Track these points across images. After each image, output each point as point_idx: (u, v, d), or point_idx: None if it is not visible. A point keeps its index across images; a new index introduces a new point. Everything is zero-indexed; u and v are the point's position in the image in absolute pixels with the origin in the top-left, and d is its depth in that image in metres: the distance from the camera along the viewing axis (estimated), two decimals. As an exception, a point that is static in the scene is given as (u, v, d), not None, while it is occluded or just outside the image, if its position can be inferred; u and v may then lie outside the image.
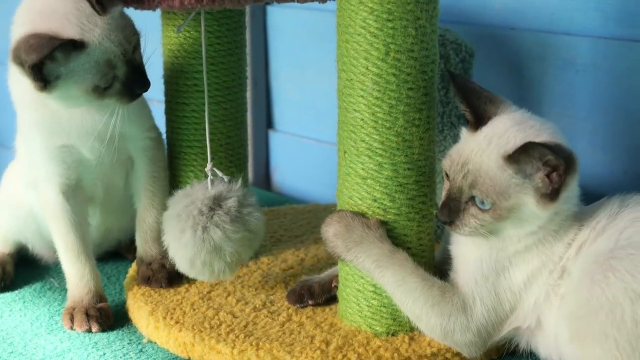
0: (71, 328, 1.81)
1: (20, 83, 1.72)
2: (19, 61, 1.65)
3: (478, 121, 1.58)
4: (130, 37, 1.71)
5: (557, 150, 1.49)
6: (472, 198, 1.54)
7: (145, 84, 1.74)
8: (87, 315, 1.80)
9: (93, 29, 1.66)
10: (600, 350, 1.46)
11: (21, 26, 1.68)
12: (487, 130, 1.56)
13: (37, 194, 1.87)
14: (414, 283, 1.59)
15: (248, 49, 2.02)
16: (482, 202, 1.53)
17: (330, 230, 1.63)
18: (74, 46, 1.64)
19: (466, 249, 1.61)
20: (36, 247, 2.07)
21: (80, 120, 1.77)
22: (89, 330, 1.80)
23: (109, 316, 1.83)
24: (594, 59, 2.02)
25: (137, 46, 1.73)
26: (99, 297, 1.85)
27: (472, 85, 1.62)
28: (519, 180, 1.51)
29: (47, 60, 1.63)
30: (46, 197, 1.84)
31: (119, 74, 1.71)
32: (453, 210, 1.55)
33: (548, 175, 1.51)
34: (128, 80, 1.72)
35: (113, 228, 2.06)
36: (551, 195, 1.52)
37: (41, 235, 2.01)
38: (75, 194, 1.85)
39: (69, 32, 1.64)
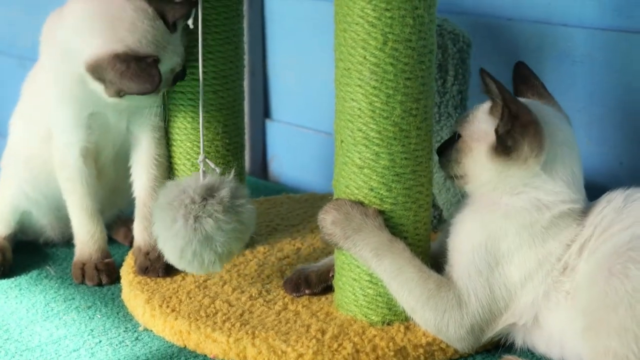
0: (82, 282, 1.96)
1: (57, 55, 1.81)
2: (100, 78, 1.75)
3: None
4: (186, 43, 1.83)
5: (504, 93, 1.56)
6: (458, 136, 1.64)
7: (185, 75, 1.87)
8: (97, 269, 1.95)
9: (166, 47, 1.77)
10: (618, 343, 1.44)
11: (94, 38, 1.74)
12: None
13: (54, 155, 1.94)
14: (410, 274, 1.59)
15: (245, 38, 2.01)
16: (460, 136, 1.63)
17: (328, 218, 1.63)
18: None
19: (459, 240, 1.62)
20: (40, 213, 2.09)
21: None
22: (100, 284, 1.94)
23: (116, 270, 1.97)
24: (591, 50, 2.02)
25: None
26: (106, 253, 1.99)
27: (534, 80, 1.71)
28: (486, 128, 1.59)
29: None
30: (65, 160, 1.93)
31: (175, 75, 1.84)
32: (444, 145, 1.68)
33: (495, 132, 1.57)
34: (177, 75, 1.84)
35: (115, 198, 2.09)
36: (499, 148, 1.56)
37: (48, 195, 2.04)
38: (91, 158, 1.94)
39: (147, 50, 1.74)
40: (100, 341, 1.73)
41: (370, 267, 1.62)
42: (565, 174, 1.60)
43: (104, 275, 1.96)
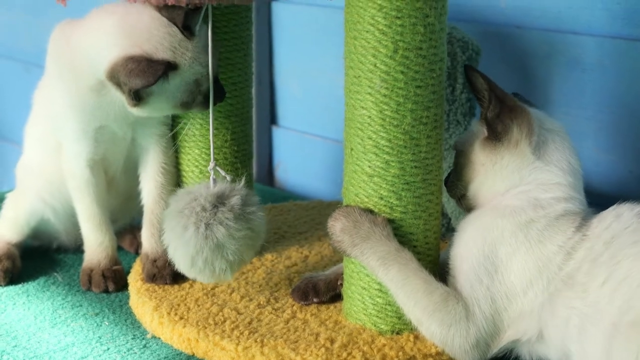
0: (88, 289, 1.96)
1: (67, 66, 1.81)
2: (117, 82, 1.75)
3: None
4: (215, 55, 1.80)
5: (487, 81, 1.60)
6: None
7: (223, 95, 1.84)
8: (104, 276, 1.95)
9: (185, 53, 1.75)
10: None
11: (113, 46, 1.74)
12: None
13: (63, 164, 1.95)
14: (416, 285, 1.58)
15: (252, 45, 2.01)
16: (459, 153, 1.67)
17: (337, 225, 1.62)
18: (169, 68, 1.73)
19: (460, 248, 1.61)
20: (57, 219, 2.09)
21: (121, 107, 1.83)
22: (106, 290, 1.94)
23: (124, 277, 1.97)
24: (600, 58, 2.02)
25: (219, 60, 1.84)
26: (115, 260, 1.99)
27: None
28: (478, 127, 1.64)
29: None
30: (73, 170, 1.94)
31: (202, 89, 1.80)
32: (449, 172, 1.71)
33: (484, 118, 1.60)
34: (209, 93, 1.81)
35: (127, 207, 2.09)
36: (489, 136, 1.59)
37: (64, 202, 2.04)
38: (99, 168, 1.95)
39: (163, 55, 1.73)
40: (108, 348, 1.73)
41: (377, 276, 1.61)
42: (559, 161, 1.59)
43: (111, 282, 1.96)
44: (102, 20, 1.79)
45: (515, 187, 1.60)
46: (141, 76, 1.70)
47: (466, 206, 1.68)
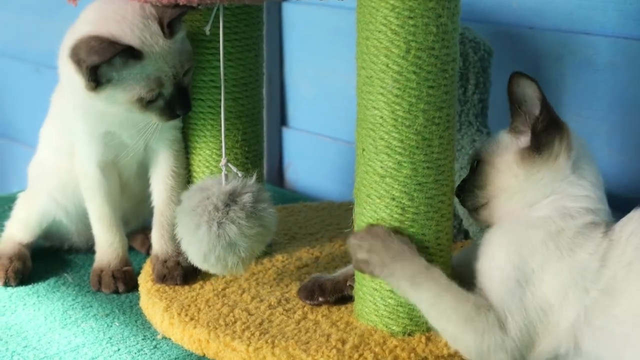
0: (99, 289, 1.96)
1: (73, 74, 1.78)
2: (77, 59, 1.72)
3: None
4: (185, 63, 1.80)
5: (539, 91, 1.55)
6: (476, 165, 1.63)
7: (187, 107, 1.82)
8: (114, 277, 1.95)
9: (153, 46, 1.74)
10: None
11: (84, 25, 1.75)
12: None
13: (75, 163, 1.95)
14: (448, 300, 1.53)
15: (264, 46, 2.01)
16: (478, 163, 1.63)
17: (364, 245, 1.58)
18: (132, 55, 1.72)
19: (487, 262, 1.57)
20: (70, 220, 2.09)
21: (125, 115, 1.83)
22: (116, 291, 1.94)
23: (134, 278, 1.97)
24: (613, 58, 2.01)
25: (188, 71, 1.82)
26: (125, 261, 1.99)
27: None
28: (510, 137, 1.60)
29: (104, 63, 1.70)
30: (84, 170, 1.94)
31: (164, 93, 1.78)
32: (463, 184, 1.65)
33: (533, 129, 1.56)
34: (172, 100, 1.80)
35: (141, 210, 2.09)
36: (531, 148, 1.56)
37: (76, 203, 2.04)
38: (111, 169, 1.95)
39: (130, 41, 1.72)
40: (118, 349, 1.72)
41: (408, 296, 1.56)
42: (591, 175, 1.59)
43: (121, 283, 1.96)
44: (88, 8, 1.80)
45: (546, 199, 1.58)
46: (99, 53, 1.69)
47: (483, 218, 1.64)
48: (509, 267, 1.53)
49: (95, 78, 1.72)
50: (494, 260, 1.56)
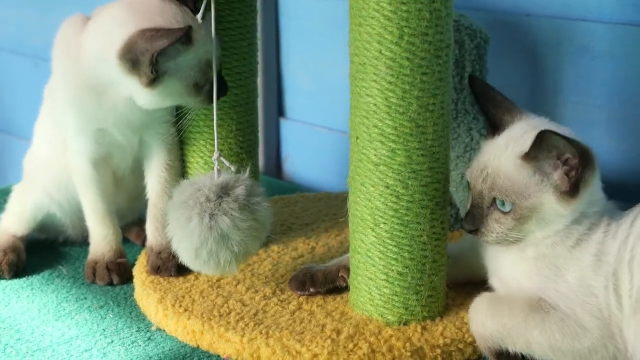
0: (93, 281, 1.95)
1: (71, 63, 1.79)
2: (133, 55, 1.71)
3: (494, 129, 1.59)
4: (218, 47, 1.79)
5: (570, 141, 1.46)
6: (494, 202, 1.53)
7: (227, 87, 1.83)
8: (108, 269, 1.94)
9: (197, 30, 1.74)
10: None
11: (126, 25, 1.73)
12: (504, 134, 1.57)
13: (68, 158, 1.95)
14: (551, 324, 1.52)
15: (259, 35, 2.00)
16: (503, 204, 1.52)
17: (487, 319, 1.56)
18: (185, 42, 1.72)
19: (551, 284, 1.54)
20: (64, 214, 2.08)
21: (121, 111, 1.83)
22: (111, 283, 1.94)
23: (128, 270, 1.96)
24: (611, 45, 1.99)
25: (220, 56, 1.82)
26: (119, 253, 1.98)
27: (490, 92, 1.61)
28: (537, 178, 1.50)
29: (160, 54, 1.69)
30: (76, 165, 1.94)
31: (210, 77, 1.77)
32: (477, 217, 1.55)
33: (566, 173, 1.49)
34: (216, 84, 1.78)
35: (136, 204, 2.08)
36: (570, 191, 1.49)
37: (70, 197, 2.04)
38: (104, 164, 1.94)
39: (181, 26, 1.72)
40: (112, 341, 1.71)
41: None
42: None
43: (115, 275, 1.95)
44: (110, 10, 1.78)
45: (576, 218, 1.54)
46: (164, 36, 1.68)
47: (504, 246, 1.57)
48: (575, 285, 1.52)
49: (157, 70, 1.71)
50: (529, 280, 1.55)
